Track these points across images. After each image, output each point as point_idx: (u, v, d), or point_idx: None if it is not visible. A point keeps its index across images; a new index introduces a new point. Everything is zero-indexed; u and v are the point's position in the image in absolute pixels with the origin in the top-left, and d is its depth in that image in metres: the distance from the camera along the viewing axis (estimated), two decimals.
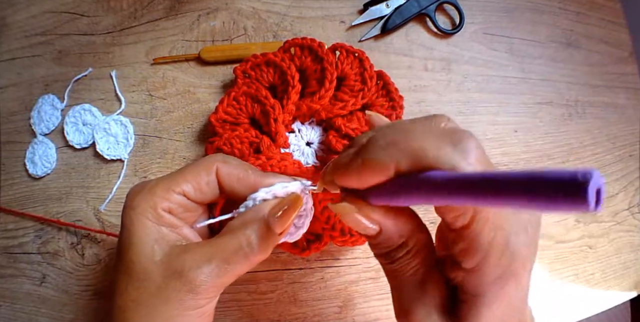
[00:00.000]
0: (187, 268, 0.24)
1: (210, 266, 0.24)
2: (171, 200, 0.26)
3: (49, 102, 0.47)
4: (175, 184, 0.26)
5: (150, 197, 0.25)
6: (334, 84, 0.40)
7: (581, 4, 0.51)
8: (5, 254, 0.45)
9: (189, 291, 0.24)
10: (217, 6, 0.47)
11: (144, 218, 0.25)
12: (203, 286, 0.24)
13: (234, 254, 0.24)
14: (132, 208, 0.25)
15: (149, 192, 0.26)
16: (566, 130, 0.47)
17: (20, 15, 0.50)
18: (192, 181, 0.26)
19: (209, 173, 0.27)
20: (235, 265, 0.25)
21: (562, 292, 0.44)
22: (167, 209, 0.26)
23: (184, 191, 0.26)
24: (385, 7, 0.46)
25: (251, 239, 0.25)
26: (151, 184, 0.26)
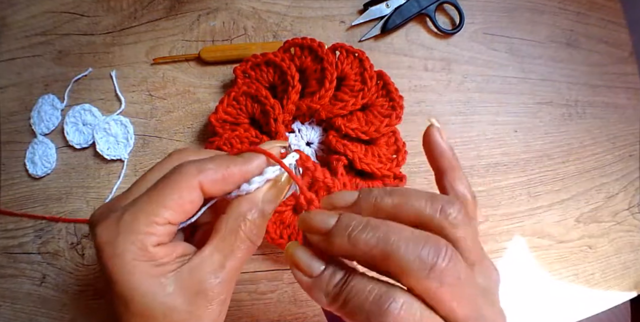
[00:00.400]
0: (206, 284, 0.23)
1: (225, 271, 0.24)
2: (157, 233, 0.23)
3: (49, 102, 0.47)
4: (155, 215, 0.23)
5: (134, 237, 0.22)
6: (334, 84, 0.40)
7: (581, 4, 0.51)
8: (5, 254, 0.45)
9: (220, 302, 0.24)
10: (217, 6, 0.47)
11: (137, 263, 0.22)
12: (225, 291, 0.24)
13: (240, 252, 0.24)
14: (117, 257, 0.22)
15: (131, 231, 0.22)
16: (566, 130, 0.47)
17: (20, 15, 0.50)
18: (174, 206, 0.23)
19: (191, 192, 0.23)
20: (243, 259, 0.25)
21: (562, 292, 0.44)
22: (156, 243, 0.23)
23: (168, 219, 0.23)
24: (385, 7, 0.46)
25: (252, 232, 0.25)
26: (126, 221, 0.23)
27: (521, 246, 0.44)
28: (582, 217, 0.46)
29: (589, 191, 0.46)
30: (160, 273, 0.23)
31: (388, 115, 0.41)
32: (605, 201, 0.47)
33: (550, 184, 0.46)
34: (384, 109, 0.41)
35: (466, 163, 0.44)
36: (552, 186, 0.46)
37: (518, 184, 0.45)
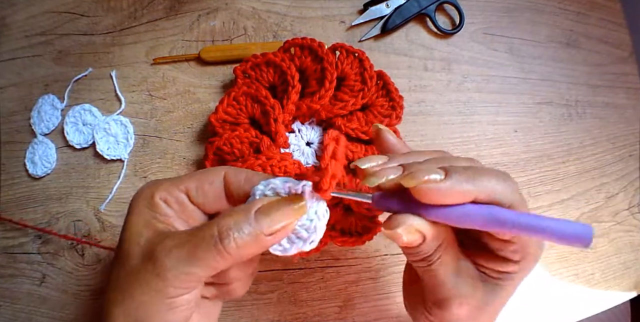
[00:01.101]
0: (158, 251, 0.23)
1: (181, 252, 0.23)
2: (171, 193, 0.26)
3: (49, 102, 0.47)
4: (179, 181, 0.27)
5: (153, 187, 0.26)
6: (334, 84, 0.40)
7: (581, 4, 0.51)
8: (5, 254, 0.45)
9: (157, 275, 0.23)
10: (217, 6, 0.47)
11: (141, 204, 0.26)
12: (172, 271, 0.23)
13: (204, 242, 0.23)
14: (134, 197, 0.27)
15: (154, 183, 0.27)
16: (566, 130, 0.47)
17: (20, 15, 0.50)
18: (197, 181, 0.26)
19: (216, 176, 0.27)
20: (204, 253, 0.23)
21: (562, 292, 0.44)
22: (164, 198, 0.26)
23: (187, 188, 0.26)
24: (385, 7, 0.46)
25: (228, 230, 0.23)
26: (158, 179, 0.28)
27: None
28: (582, 217, 0.46)
29: (589, 191, 0.46)
30: (147, 223, 0.25)
31: (388, 115, 0.41)
32: (605, 201, 0.47)
33: (550, 184, 0.46)
34: (384, 109, 0.41)
35: None
36: (552, 186, 0.46)
37: (518, 184, 0.45)
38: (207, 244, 0.23)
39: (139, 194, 0.27)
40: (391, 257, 0.42)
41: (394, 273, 0.42)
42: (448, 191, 0.22)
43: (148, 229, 0.25)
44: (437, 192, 0.22)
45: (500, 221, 0.22)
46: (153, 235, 0.25)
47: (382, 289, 0.42)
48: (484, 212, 0.22)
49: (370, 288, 0.42)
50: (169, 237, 0.24)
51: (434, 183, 0.22)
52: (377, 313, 0.41)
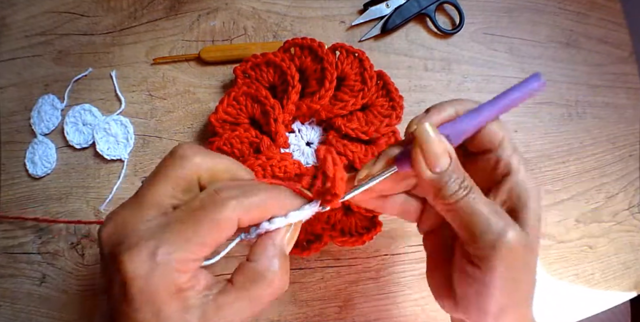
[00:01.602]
0: None
1: (248, 317, 0.24)
2: (191, 271, 0.22)
3: (49, 102, 0.47)
4: (192, 253, 0.21)
5: (168, 276, 0.21)
6: (334, 84, 0.40)
7: (581, 4, 0.51)
8: (5, 254, 0.45)
9: None
10: (217, 6, 0.47)
11: (170, 301, 0.21)
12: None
13: (269, 298, 0.24)
14: (151, 293, 0.21)
15: (168, 269, 0.21)
16: (566, 130, 0.47)
17: (20, 15, 0.50)
18: (213, 244, 0.22)
19: (231, 229, 0.22)
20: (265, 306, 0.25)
21: (562, 292, 0.44)
22: (190, 286, 0.22)
23: (204, 257, 0.22)
24: (385, 7, 0.46)
25: (278, 278, 0.25)
26: (163, 256, 0.21)
27: None
28: (582, 217, 0.46)
29: (589, 191, 0.46)
30: (186, 308, 0.21)
31: (388, 115, 0.41)
32: (605, 201, 0.47)
33: (550, 184, 0.46)
34: (384, 109, 0.41)
35: None
36: (552, 186, 0.46)
37: None
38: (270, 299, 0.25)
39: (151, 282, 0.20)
40: (391, 257, 0.42)
41: (394, 273, 0.42)
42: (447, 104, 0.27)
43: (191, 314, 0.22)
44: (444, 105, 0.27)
45: (482, 110, 0.27)
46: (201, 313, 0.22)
47: (382, 289, 0.42)
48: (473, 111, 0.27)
49: (370, 288, 0.42)
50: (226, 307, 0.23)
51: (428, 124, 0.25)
52: (377, 313, 0.41)
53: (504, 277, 0.24)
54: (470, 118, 0.26)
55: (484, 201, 0.25)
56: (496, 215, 0.24)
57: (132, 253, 0.21)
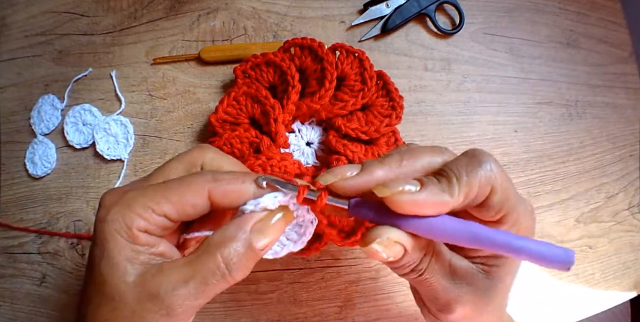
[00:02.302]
0: (163, 291, 0.22)
1: (187, 288, 0.22)
2: (149, 220, 0.23)
3: (49, 102, 0.47)
4: (155, 204, 0.23)
5: (127, 213, 0.23)
6: (334, 84, 0.40)
7: (581, 4, 0.51)
8: (5, 254, 0.45)
9: (165, 315, 0.22)
10: (217, 6, 0.47)
11: (117, 235, 0.23)
12: (180, 308, 0.23)
13: (212, 275, 0.23)
14: (105, 221, 0.23)
15: (127, 207, 0.23)
16: (566, 130, 0.47)
17: (20, 15, 0.50)
18: (177, 203, 0.24)
19: (198, 196, 0.24)
20: (213, 286, 0.23)
21: (562, 292, 0.44)
22: (144, 229, 0.23)
23: (165, 212, 0.24)
24: (385, 7, 0.46)
25: (230, 259, 0.23)
26: (128, 197, 0.24)
27: None
28: (582, 217, 0.46)
29: (589, 191, 0.46)
30: (130, 258, 0.23)
31: (388, 115, 0.41)
32: (605, 201, 0.47)
33: (550, 184, 0.46)
34: (384, 109, 0.41)
35: None
36: (552, 186, 0.46)
37: (518, 184, 0.45)
38: (215, 277, 0.23)
39: (110, 221, 0.23)
40: None
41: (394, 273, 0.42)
42: (423, 202, 0.21)
43: (133, 265, 0.23)
44: (412, 204, 0.21)
45: (478, 239, 0.22)
46: (143, 270, 0.23)
47: (382, 289, 0.42)
48: (462, 228, 0.22)
49: (370, 288, 0.42)
50: (165, 272, 0.23)
51: (409, 194, 0.21)
52: (377, 313, 0.41)
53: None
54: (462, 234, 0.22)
55: (439, 272, 0.25)
56: (449, 284, 0.25)
57: (110, 192, 0.25)
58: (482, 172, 0.22)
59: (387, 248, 0.22)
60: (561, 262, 0.21)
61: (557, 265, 0.21)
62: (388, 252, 0.23)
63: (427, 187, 0.22)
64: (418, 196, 0.21)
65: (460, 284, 0.25)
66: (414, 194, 0.21)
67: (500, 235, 0.21)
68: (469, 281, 0.25)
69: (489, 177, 0.22)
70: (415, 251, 0.23)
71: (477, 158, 0.23)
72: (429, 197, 0.21)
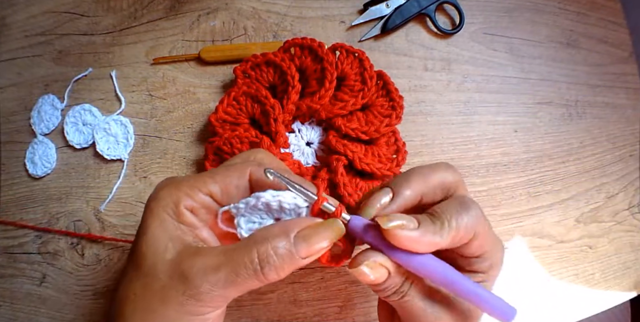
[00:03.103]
0: (194, 273, 0.23)
1: (217, 276, 0.23)
2: (196, 199, 0.25)
3: (49, 102, 0.47)
4: (202, 184, 0.25)
5: (175, 192, 0.25)
6: (334, 84, 0.40)
7: (581, 4, 0.51)
8: (5, 254, 0.45)
9: (191, 297, 0.23)
10: (217, 6, 0.47)
11: (164, 212, 0.24)
12: (207, 293, 0.23)
13: (244, 268, 0.23)
14: (155, 199, 0.25)
15: (176, 187, 0.25)
16: (566, 130, 0.47)
17: (20, 15, 0.50)
18: (221, 182, 0.25)
19: (241, 177, 0.26)
20: (243, 279, 0.23)
21: (562, 292, 0.44)
22: (190, 207, 0.25)
23: (211, 191, 0.25)
24: (385, 7, 0.46)
25: (266, 257, 0.23)
26: (179, 179, 0.26)
27: (521, 246, 0.44)
28: (582, 217, 0.46)
29: (589, 191, 0.46)
30: (173, 236, 0.24)
31: (388, 115, 0.41)
32: (605, 201, 0.47)
33: (550, 184, 0.46)
34: (384, 109, 0.41)
35: (466, 163, 0.44)
36: (552, 186, 0.46)
37: (518, 184, 0.45)
38: (247, 271, 0.23)
39: (159, 199, 0.25)
40: None
41: None
42: (417, 240, 0.24)
43: (174, 243, 0.24)
44: (407, 239, 0.24)
45: (449, 283, 0.25)
46: (181, 250, 0.24)
47: None
48: (439, 270, 0.25)
49: None
50: (201, 255, 0.23)
51: (407, 230, 0.24)
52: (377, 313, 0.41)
53: None
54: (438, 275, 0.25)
55: (420, 295, 0.26)
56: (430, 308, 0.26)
57: (166, 179, 0.27)
58: (468, 219, 0.25)
59: (373, 270, 0.24)
60: (505, 317, 0.24)
61: (501, 318, 0.25)
62: (374, 273, 0.24)
63: (422, 226, 0.24)
64: (414, 233, 0.24)
65: (440, 307, 0.26)
66: (411, 231, 0.24)
67: (467, 284, 0.24)
68: (446, 305, 0.27)
69: (474, 223, 0.25)
70: (398, 275, 0.25)
71: (465, 205, 0.26)
72: (423, 236, 0.24)
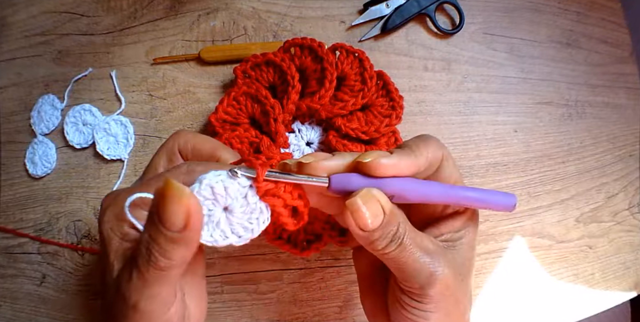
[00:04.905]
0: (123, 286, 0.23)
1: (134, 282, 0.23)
2: (138, 215, 0.24)
3: (49, 102, 0.47)
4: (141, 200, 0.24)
5: (119, 212, 0.25)
6: (334, 84, 0.40)
7: (581, 4, 0.51)
8: (5, 254, 0.45)
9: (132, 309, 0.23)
10: (217, 6, 0.47)
11: (112, 234, 0.25)
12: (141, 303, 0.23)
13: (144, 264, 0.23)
14: (102, 223, 0.25)
15: (118, 206, 0.25)
16: (566, 130, 0.47)
17: (20, 15, 0.50)
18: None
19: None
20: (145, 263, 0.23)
21: (562, 292, 0.44)
22: (131, 225, 0.25)
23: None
24: (385, 7, 0.46)
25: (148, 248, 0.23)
26: (120, 197, 0.25)
27: (521, 246, 0.44)
28: (582, 217, 0.46)
29: (589, 191, 0.46)
30: (120, 255, 0.25)
31: (388, 115, 0.41)
32: (605, 200, 0.47)
33: (550, 184, 0.46)
34: (384, 109, 0.41)
35: (466, 163, 0.44)
36: (552, 186, 0.46)
37: (518, 184, 0.45)
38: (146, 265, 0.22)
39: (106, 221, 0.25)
40: None
41: None
42: (397, 163, 0.25)
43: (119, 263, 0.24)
44: (389, 165, 0.25)
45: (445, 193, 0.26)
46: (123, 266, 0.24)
47: None
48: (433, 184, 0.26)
49: None
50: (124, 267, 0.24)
51: (386, 158, 0.25)
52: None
53: (441, 306, 0.26)
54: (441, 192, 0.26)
55: (415, 244, 0.26)
56: (427, 258, 0.26)
57: (108, 195, 0.27)
58: (432, 142, 0.27)
59: (368, 204, 0.24)
60: (505, 207, 0.26)
61: (501, 209, 0.26)
62: (370, 209, 0.24)
63: (396, 153, 0.26)
64: (392, 159, 0.25)
65: (437, 256, 0.26)
66: (390, 158, 0.25)
67: (463, 188, 0.26)
68: (441, 255, 0.26)
69: (439, 146, 0.28)
70: (393, 216, 0.25)
71: (424, 136, 0.28)
72: (401, 159, 0.25)
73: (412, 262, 0.25)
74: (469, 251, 0.29)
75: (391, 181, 0.25)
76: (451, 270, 0.26)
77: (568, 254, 0.45)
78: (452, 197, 0.26)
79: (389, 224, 0.25)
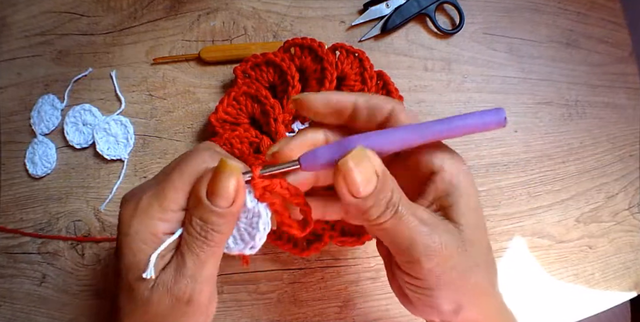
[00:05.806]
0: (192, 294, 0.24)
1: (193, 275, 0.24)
2: (169, 219, 0.24)
3: (49, 102, 0.47)
4: (169, 201, 0.24)
5: (148, 221, 0.24)
6: (334, 84, 0.40)
7: (581, 4, 0.51)
8: (5, 254, 0.45)
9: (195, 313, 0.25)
10: (217, 6, 0.47)
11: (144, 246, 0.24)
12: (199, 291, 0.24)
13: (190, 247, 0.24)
14: (129, 235, 0.24)
15: (146, 214, 0.24)
16: (566, 130, 0.47)
17: (20, 15, 0.50)
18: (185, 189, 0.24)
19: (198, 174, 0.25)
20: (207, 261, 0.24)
21: (562, 292, 0.44)
22: (168, 231, 0.24)
23: (181, 205, 0.24)
24: (385, 7, 0.46)
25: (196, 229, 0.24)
26: (144, 203, 0.24)
27: (521, 246, 0.44)
28: (582, 217, 0.46)
29: (589, 191, 0.46)
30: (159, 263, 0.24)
31: None
32: (605, 200, 0.47)
33: (550, 184, 0.46)
34: None
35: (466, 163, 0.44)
36: (552, 186, 0.46)
37: (518, 184, 0.45)
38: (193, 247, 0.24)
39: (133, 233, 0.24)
40: None
41: None
42: (316, 96, 0.25)
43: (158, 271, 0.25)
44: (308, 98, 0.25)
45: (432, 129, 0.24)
46: None
47: (382, 289, 0.42)
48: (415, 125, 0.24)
49: (370, 288, 0.42)
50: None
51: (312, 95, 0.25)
52: (377, 313, 0.41)
53: (444, 280, 0.24)
54: (412, 131, 0.24)
55: (410, 213, 0.23)
56: (423, 227, 0.23)
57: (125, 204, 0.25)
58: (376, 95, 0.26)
59: (360, 166, 0.22)
60: (495, 123, 0.23)
61: (499, 124, 0.23)
62: (362, 171, 0.22)
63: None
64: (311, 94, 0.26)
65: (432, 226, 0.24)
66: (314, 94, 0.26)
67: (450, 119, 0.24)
68: (437, 224, 0.24)
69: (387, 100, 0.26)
70: (386, 179, 0.23)
71: None
72: (324, 94, 0.26)
73: (408, 233, 0.23)
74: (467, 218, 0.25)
75: (356, 137, 0.24)
76: (449, 241, 0.24)
77: (568, 254, 0.45)
78: (429, 131, 0.23)
79: (383, 189, 0.23)
